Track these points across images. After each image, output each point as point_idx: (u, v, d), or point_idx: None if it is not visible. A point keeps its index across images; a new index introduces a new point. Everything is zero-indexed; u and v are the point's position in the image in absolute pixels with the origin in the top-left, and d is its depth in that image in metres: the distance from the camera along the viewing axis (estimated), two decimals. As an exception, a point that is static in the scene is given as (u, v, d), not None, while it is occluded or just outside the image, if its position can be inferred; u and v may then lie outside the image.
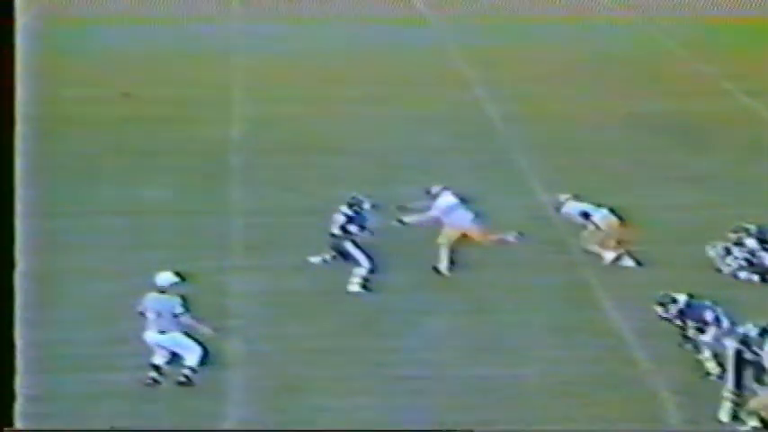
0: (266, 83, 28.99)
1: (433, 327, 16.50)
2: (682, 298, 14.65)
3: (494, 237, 18.21)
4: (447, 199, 18.33)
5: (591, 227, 18.59)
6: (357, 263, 17.76)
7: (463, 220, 18.13)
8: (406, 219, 18.49)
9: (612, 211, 18.66)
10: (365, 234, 17.90)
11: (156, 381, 14.81)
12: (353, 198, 18.14)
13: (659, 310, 14.68)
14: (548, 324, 15.64)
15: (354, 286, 17.62)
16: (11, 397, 5.85)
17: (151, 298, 15.00)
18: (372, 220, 18.19)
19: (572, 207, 18.92)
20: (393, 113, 26.73)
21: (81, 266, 17.89)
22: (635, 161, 23.70)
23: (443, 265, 18.03)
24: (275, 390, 14.78)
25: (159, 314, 14.83)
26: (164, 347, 14.85)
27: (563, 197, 19.17)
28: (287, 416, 14.19)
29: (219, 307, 16.90)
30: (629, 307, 16.54)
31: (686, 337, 14.65)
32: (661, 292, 14.77)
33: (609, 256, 18.45)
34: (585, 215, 18.72)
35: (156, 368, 14.82)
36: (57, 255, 18.24)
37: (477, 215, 18.14)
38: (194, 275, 17.64)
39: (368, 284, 17.65)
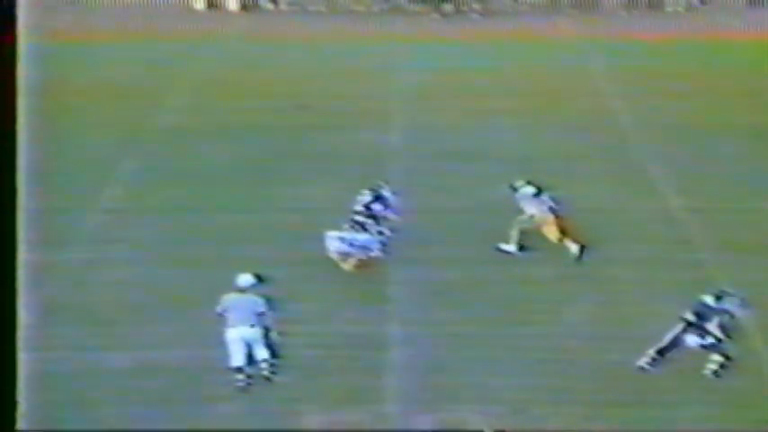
0: (423, 95, 29.12)
1: (571, 316, 16.43)
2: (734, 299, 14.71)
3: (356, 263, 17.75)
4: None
5: (528, 215, 18.62)
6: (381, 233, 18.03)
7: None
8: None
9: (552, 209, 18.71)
10: (390, 213, 18.41)
11: (248, 383, 14.35)
12: (376, 184, 18.78)
13: (708, 299, 14.55)
14: (676, 317, 15.40)
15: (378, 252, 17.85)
16: (13, 400, 5.84)
17: (232, 298, 14.81)
18: (395, 203, 18.79)
19: (525, 192, 18.89)
20: (534, 123, 26.60)
21: (254, 257, 18.11)
22: (759, 168, 23.16)
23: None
24: (427, 369, 14.90)
25: (241, 313, 14.57)
26: (248, 343, 14.52)
27: (518, 183, 19.12)
28: (437, 393, 14.30)
29: (380, 293, 17.10)
30: (753, 302, 16.18)
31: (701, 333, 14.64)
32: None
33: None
34: (538, 193, 18.77)
35: (240, 370, 14.49)
36: (231, 248, 18.56)
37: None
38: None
39: (387, 249, 17.93)
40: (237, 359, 14.51)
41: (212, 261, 18.17)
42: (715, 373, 14.57)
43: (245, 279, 15.14)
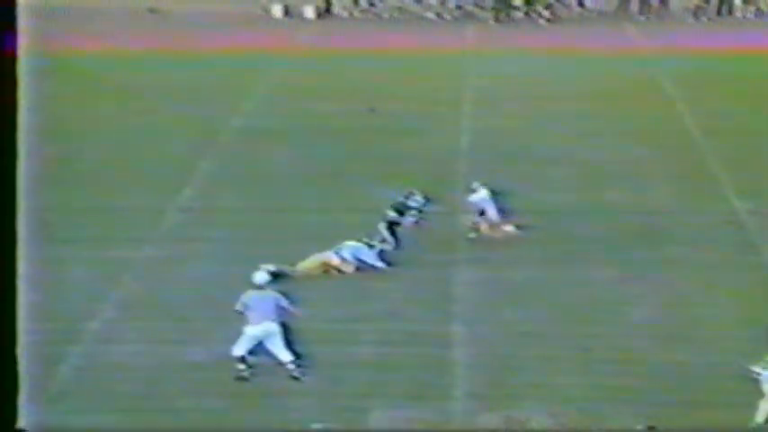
0: (491, 101, 28.91)
1: (634, 316, 16.14)
2: None
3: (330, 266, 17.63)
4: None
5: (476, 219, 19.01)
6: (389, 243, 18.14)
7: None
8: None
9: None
10: (405, 220, 18.78)
11: (246, 372, 14.11)
12: (409, 191, 19.50)
13: None
14: (738, 318, 15.09)
15: (380, 263, 17.69)
16: (14, 399, 5.67)
17: (251, 295, 14.56)
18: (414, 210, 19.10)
19: (478, 198, 19.32)
20: (600, 128, 26.26)
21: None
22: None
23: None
24: (492, 367, 14.71)
25: (262, 310, 14.36)
26: (262, 339, 14.30)
27: (475, 184, 19.62)
28: (502, 390, 14.10)
29: (445, 294, 16.93)
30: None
31: None
32: None
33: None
34: (482, 213, 19.15)
35: (242, 359, 14.26)
36: (302, 246, 18.43)
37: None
38: (422, 266, 17.81)
39: (384, 258, 17.84)
40: (241, 349, 14.27)
41: (284, 259, 18.12)
42: None
43: (261, 276, 14.95)
